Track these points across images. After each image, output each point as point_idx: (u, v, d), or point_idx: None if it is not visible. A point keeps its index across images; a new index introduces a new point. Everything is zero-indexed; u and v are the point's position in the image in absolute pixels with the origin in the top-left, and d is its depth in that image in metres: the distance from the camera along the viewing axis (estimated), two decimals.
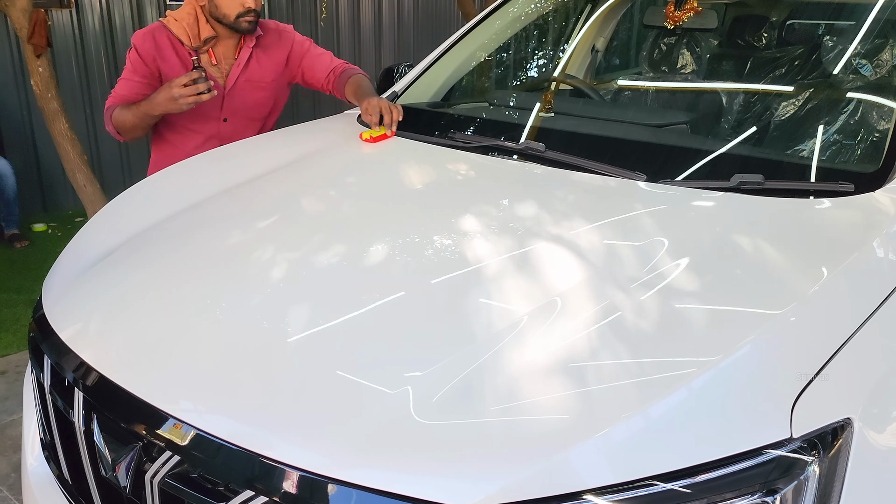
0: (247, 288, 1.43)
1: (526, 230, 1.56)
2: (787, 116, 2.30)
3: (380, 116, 2.16)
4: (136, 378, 1.26)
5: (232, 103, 2.56)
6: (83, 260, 1.68)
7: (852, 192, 1.59)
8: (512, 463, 1.02)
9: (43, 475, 1.53)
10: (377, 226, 1.65)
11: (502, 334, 1.21)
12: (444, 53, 2.65)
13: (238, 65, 2.53)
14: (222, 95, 2.53)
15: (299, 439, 1.10)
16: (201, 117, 2.52)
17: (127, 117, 2.37)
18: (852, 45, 2.32)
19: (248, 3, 2.42)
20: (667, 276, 1.33)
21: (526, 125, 2.14)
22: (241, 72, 2.53)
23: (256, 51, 2.56)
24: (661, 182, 1.72)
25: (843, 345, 1.17)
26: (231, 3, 2.41)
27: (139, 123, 2.39)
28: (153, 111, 2.31)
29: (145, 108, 2.32)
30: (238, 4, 2.41)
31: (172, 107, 2.27)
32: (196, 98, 2.24)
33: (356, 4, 7.02)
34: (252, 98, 2.58)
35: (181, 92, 2.21)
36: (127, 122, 2.38)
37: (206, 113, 2.52)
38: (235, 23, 2.44)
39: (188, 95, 2.22)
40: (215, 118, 2.55)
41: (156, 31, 2.45)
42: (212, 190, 1.92)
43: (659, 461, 1.02)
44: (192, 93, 2.22)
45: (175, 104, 2.25)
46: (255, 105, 2.62)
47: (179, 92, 2.21)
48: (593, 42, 3.37)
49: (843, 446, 1.09)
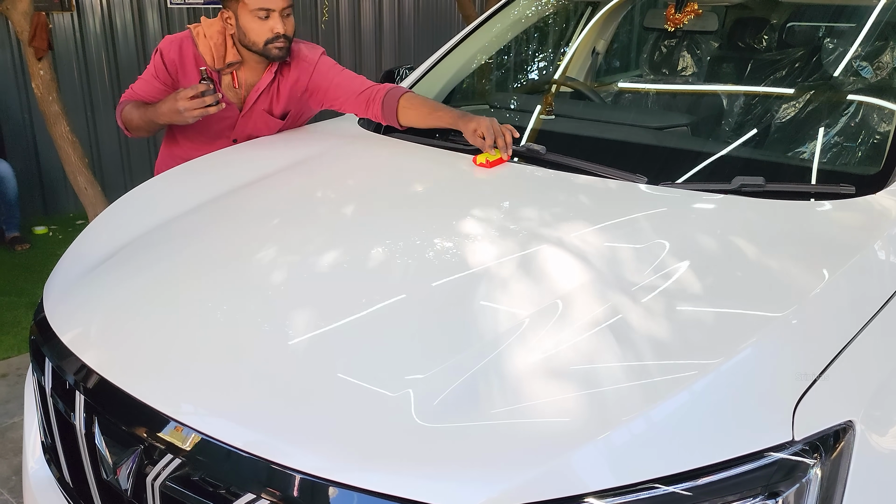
0: (248, 291, 1.43)
1: (526, 233, 1.56)
2: (787, 119, 2.30)
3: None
4: (137, 381, 1.26)
5: (245, 128, 2.46)
6: (84, 263, 1.68)
7: (853, 194, 1.59)
8: (514, 466, 1.02)
9: (44, 478, 1.53)
10: (377, 228, 1.65)
11: (503, 337, 1.21)
12: (444, 56, 2.65)
13: (257, 90, 2.39)
14: (236, 118, 2.43)
15: (301, 442, 1.10)
16: (213, 134, 2.43)
17: (134, 116, 2.31)
18: (853, 47, 2.32)
19: (278, 28, 2.26)
20: (668, 279, 1.32)
21: (526, 128, 2.14)
22: (257, 99, 2.41)
23: (279, 78, 2.42)
24: (662, 184, 1.72)
25: (845, 347, 1.17)
26: (259, 30, 2.26)
27: (144, 126, 2.32)
28: (158, 119, 2.24)
29: (151, 115, 2.25)
30: (267, 30, 2.26)
31: (177, 119, 2.18)
32: (202, 111, 2.13)
33: (357, 7, 7.03)
34: (265, 126, 2.47)
35: (186, 105, 2.12)
36: (133, 121, 2.32)
37: (218, 131, 2.43)
38: (265, 50, 2.29)
39: (193, 108, 2.12)
40: (226, 137, 2.46)
41: (183, 42, 2.35)
42: (213, 193, 1.92)
43: (660, 464, 1.02)
44: (197, 105, 2.12)
45: (180, 116, 2.16)
46: (266, 131, 2.50)
47: (185, 105, 2.12)
48: (594, 44, 3.37)
49: (845, 449, 1.09)
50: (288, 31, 2.29)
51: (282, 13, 2.25)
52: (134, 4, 5.39)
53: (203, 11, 5.94)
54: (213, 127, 2.39)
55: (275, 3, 2.24)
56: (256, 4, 2.22)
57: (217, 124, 2.38)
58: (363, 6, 7.08)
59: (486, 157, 1.92)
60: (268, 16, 2.24)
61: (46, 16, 4.00)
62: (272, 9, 2.23)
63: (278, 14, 2.25)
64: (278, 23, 2.25)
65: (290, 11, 2.29)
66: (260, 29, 2.26)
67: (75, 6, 5.15)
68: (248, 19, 2.25)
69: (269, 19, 2.24)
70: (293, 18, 2.32)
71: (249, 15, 2.24)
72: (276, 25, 2.25)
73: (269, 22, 2.24)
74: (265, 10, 2.23)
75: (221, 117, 2.35)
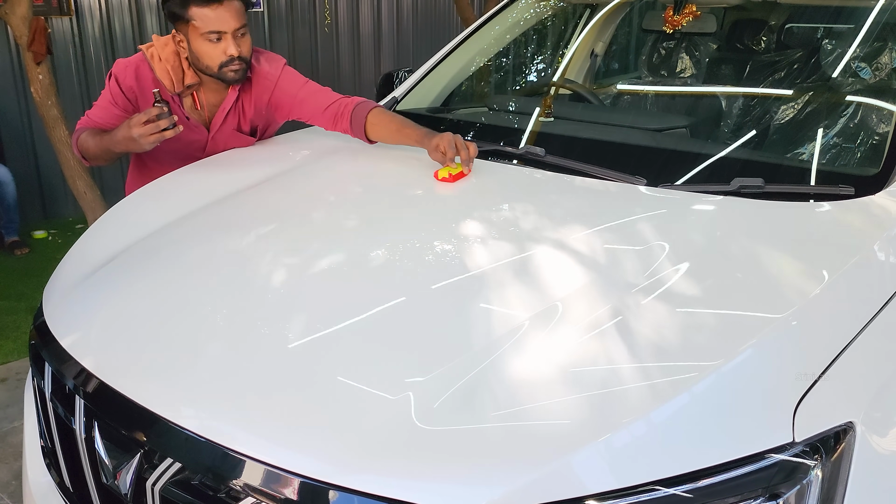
0: (248, 294, 1.43)
1: (526, 235, 1.56)
2: (786, 120, 2.30)
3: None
4: (136, 385, 1.26)
5: (216, 149, 2.33)
6: (84, 267, 1.68)
7: (852, 195, 1.59)
8: (514, 468, 1.02)
9: (44, 483, 1.53)
10: (376, 231, 1.65)
11: (503, 339, 1.21)
12: (443, 59, 2.65)
13: (223, 110, 2.27)
14: (206, 140, 2.31)
15: (301, 446, 1.10)
16: (183, 157, 2.27)
17: (90, 145, 2.14)
18: (851, 48, 2.32)
19: (231, 51, 2.10)
20: (667, 281, 1.32)
21: (526, 130, 2.14)
22: (224, 119, 2.29)
23: (243, 96, 2.29)
24: (662, 186, 1.72)
25: (845, 348, 1.17)
26: (212, 53, 2.11)
27: (101, 155, 2.15)
28: (114, 148, 2.06)
29: (107, 143, 2.07)
30: (220, 53, 2.10)
31: (133, 146, 2.00)
32: (158, 136, 1.96)
33: (355, 10, 7.04)
34: (236, 143, 2.35)
35: (140, 131, 1.94)
36: (90, 150, 2.16)
37: (188, 154, 2.29)
38: (220, 73, 2.14)
39: (148, 134, 1.94)
40: (197, 159, 2.31)
41: (139, 67, 2.19)
42: (211, 197, 1.92)
43: (661, 466, 1.02)
44: (152, 131, 1.94)
45: (136, 144, 1.98)
46: None
47: (139, 131, 1.94)
48: (592, 47, 3.37)
49: (846, 450, 1.08)
50: (243, 52, 2.15)
51: (235, 34, 2.11)
52: (133, 9, 5.39)
53: None
54: (182, 150, 2.27)
55: (226, 24, 2.09)
56: (207, 28, 2.08)
57: (186, 147, 2.27)
58: (361, 9, 7.09)
59: (447, 170, 1.90)
60: (220, 38, 2.09)
61: (45, 20, 4.01)
62: (224, 31, 2.09)
63: (231, 36, 2.10)
64: (231, 45, 2.10)
65: (244, 31, 2.14)
66: (213, 52, 2.11)
67: (74, 10, 5.16)
68: (199, 43, 2.11)
69: (222, 42, 2.10)
70: (249, 38, 2.17)
71: (200, 38, 2.10)
72: (230, 48, 2.10)
73: (221, 45, 2.10)
74: (216, 32, 2.08)
75: (190, 140, 2.26)
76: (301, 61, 6.68)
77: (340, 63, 7.08)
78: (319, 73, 6.84)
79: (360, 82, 7.21)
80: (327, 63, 6.96)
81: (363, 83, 7.19)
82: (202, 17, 2.07)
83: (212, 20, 2.07)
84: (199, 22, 2.07)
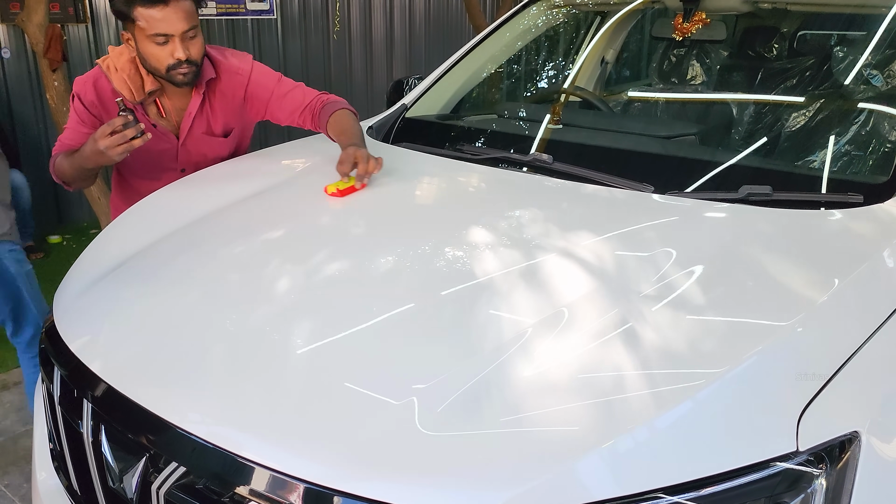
0: (254, 300, 1.44)
1: (534, 242, 1.56)
2: (796, 128, 2.30)
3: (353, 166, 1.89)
4: (143, 389, 1.27)
5: (188, 155, 2.27)
6: (93, 272, 1.70)
7: (861, 203, 1.58)
8: (517, 475, 1.02)
9: (52, 486, 1.54)
10: (385, 238, 1.66)
11: (507, 346, 1.21)
12: (453, 66, 2.66)
13: (189, 115, 2.20)
14: (176, 148, 2.25)
15: (305, 451, 1.10)
16: (157, 168, 2.25)
17: (65, 167, 2.08)
18: (863, 56, 2.31)
19: (178, 54, 2.02)
20: (675, 288, 1.32)
21: (535, 137, 2.14)
22: (193, 122, 2.22)
23: (210, 97, 2.23)
24: (671, 194, 1.71)
25: (852, 357, 1.16)
26: (159, 56, 2.03)
27: (78, 175, 2.10)
28: (86, 164, 2.00)
29: (78, 162, 2.01)
30: (167, 56, 2.03)
31: (102, 160, 1.93)
32: (126, 146, 1.88)
33: (368, 18, 7.07)
34: (209, 148, 2.29)
35: (107, 143, 1.86)
36: (67, 173, 2.10)
37: (162, 164, 2.25)
38: (168, 76, 2.07)
39: (115, 145, 1.87)
40: (172, 169, 2.28)
41: (98, 80, 2.14)
42: (221, 203, 1.93)
43: (664, 474, 1.01)
44: (119, 141, 1.86)
45: (104, 157, 1.90)
46: (214, 154, 2.32)
47: (105, 143, 1.86)
48: (603, 54, 3.37)
49: (851, 460, 1.08)
50: (193, 55, 2.06)
51: (183, 37, 2.03)
52: None
53: (215, 23, 5.99)
54: (155, 159, 2.22)
55: (172, 26, 2.00)
56: (152, 30, 1.99)
57: (158, 157, 2.22)
58: (374, 16, 7.12)
59: (336, 185, 1.87)
60: (167, 41, 2.02)
61: (61, 27, 4.05)
62: (170, 34, 2.00)
63: (178, 38, 2.02)
64: (178, 48, 2.02)
65: (195, 33, 2.06)
66: (160, 55, 2.03)
67: (90, 18, 5.21)
68: (145, 44, 2.03)
69: (169, 44, 2.02)
70: (200, 39, 2.09)
71: (146, 40, 2.02)
72: (177, 51, 2.02)
73: (168, 47, 2.02)
74: (162, 35, 2.00)
75: (161, 149, 2.21)
76: (314, 69, 6.72)
77: (353, 70, 7.12)
78: (332, 80, 6.88)
79: (372, 89, 7.24)
80: (340, 70, 6.99)
81: (375, 90, 7.22)
82: (147, 18, 1.99)
83: (157, 22, 1.99)
84: (144, 23, 2.00)
